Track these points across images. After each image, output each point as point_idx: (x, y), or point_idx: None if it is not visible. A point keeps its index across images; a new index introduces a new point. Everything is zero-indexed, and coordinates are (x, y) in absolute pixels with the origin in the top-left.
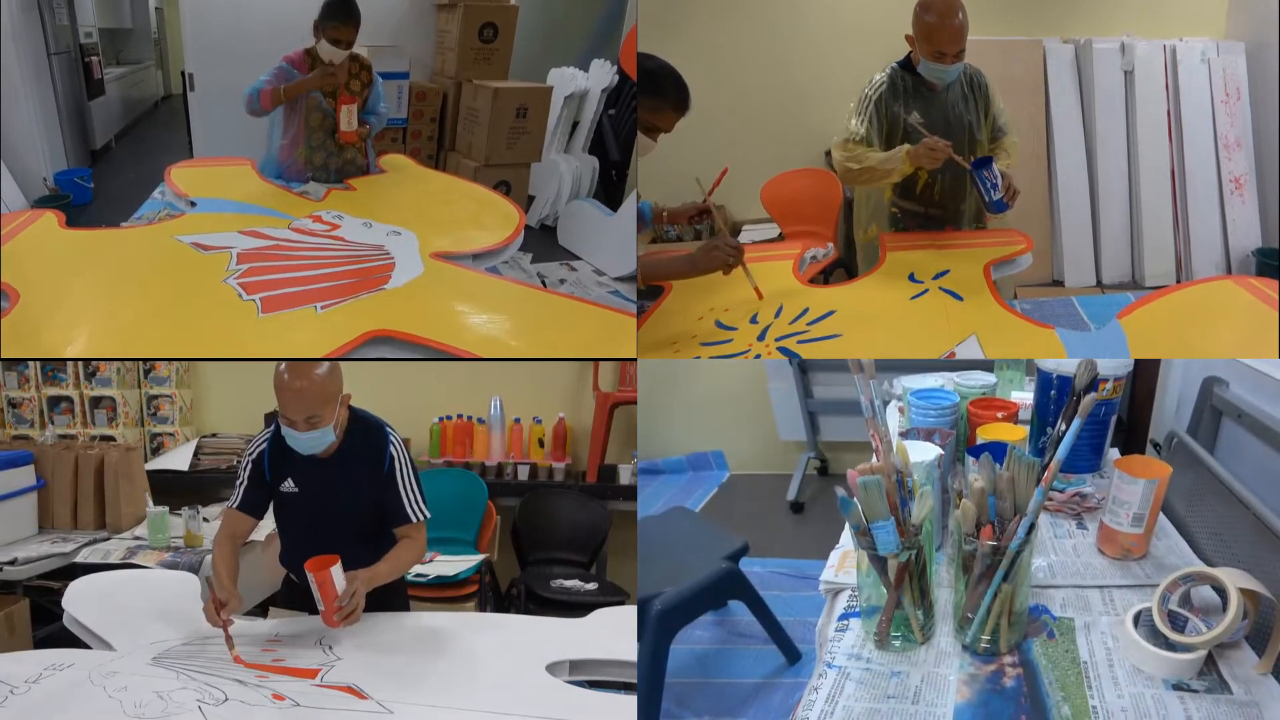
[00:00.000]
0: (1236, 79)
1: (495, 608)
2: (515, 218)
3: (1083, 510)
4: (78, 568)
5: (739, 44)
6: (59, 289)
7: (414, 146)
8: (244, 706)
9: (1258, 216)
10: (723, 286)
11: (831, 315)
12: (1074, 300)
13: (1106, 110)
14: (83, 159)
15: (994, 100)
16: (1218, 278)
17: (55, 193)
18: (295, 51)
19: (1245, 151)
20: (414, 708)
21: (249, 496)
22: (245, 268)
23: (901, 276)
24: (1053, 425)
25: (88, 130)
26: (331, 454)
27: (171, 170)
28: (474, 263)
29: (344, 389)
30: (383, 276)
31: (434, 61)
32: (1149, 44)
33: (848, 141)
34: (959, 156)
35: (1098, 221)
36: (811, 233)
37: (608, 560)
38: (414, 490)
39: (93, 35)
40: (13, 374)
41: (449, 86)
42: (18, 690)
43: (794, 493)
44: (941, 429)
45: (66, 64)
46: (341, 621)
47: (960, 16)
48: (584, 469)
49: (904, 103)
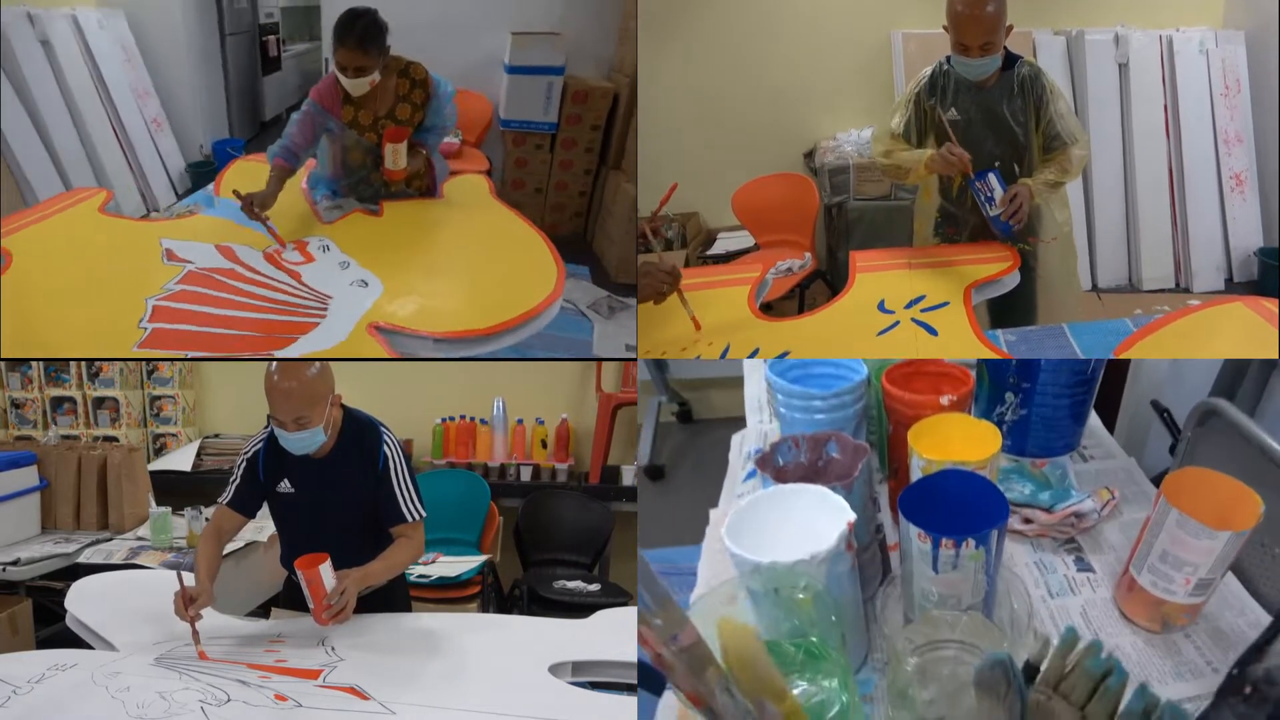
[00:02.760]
0: (1236, 71)
1: (497, 609)
2: (521, 308)
3: (1077, 532)
4: (80, 568)
5: (715, 46)
6: (49, 270)
7: (563, 158)
8: (246, 707)
9: (1259, 215)
10: (660, 320)
11: (784, 357)
12: (1065, 329)
13: (1101, 106)
14: (251, 129)
15: (1051, 104)
16: (1224, 299)
17: (207, 158)
18: (325, 79)
19: (1246, 147)
20: (416, 709)
21: (240, 494)
22: (179, 289)
23: (871, 305)
24: (1015, 389)
25: (258, 104)
26: (325, 454)
27: (236, 162)
28: (434, 347)
29: (337, 389)
30: (289, 338)
31: (614, 54)
32: (1144, 35)
33: (883, 135)
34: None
35: (1092, 224)
36: (787, 242)
37: (610, 562)
38: (409, 489)
39: (274, 15)
40: (15, 374)
41: (624, 86)
42: (20, 690)
43: (646, 454)
44: (840, 438)
45: (245, 43)
46: (330, 620)
47: (990, 8)
48: (586, 470)
49: (943, 98)
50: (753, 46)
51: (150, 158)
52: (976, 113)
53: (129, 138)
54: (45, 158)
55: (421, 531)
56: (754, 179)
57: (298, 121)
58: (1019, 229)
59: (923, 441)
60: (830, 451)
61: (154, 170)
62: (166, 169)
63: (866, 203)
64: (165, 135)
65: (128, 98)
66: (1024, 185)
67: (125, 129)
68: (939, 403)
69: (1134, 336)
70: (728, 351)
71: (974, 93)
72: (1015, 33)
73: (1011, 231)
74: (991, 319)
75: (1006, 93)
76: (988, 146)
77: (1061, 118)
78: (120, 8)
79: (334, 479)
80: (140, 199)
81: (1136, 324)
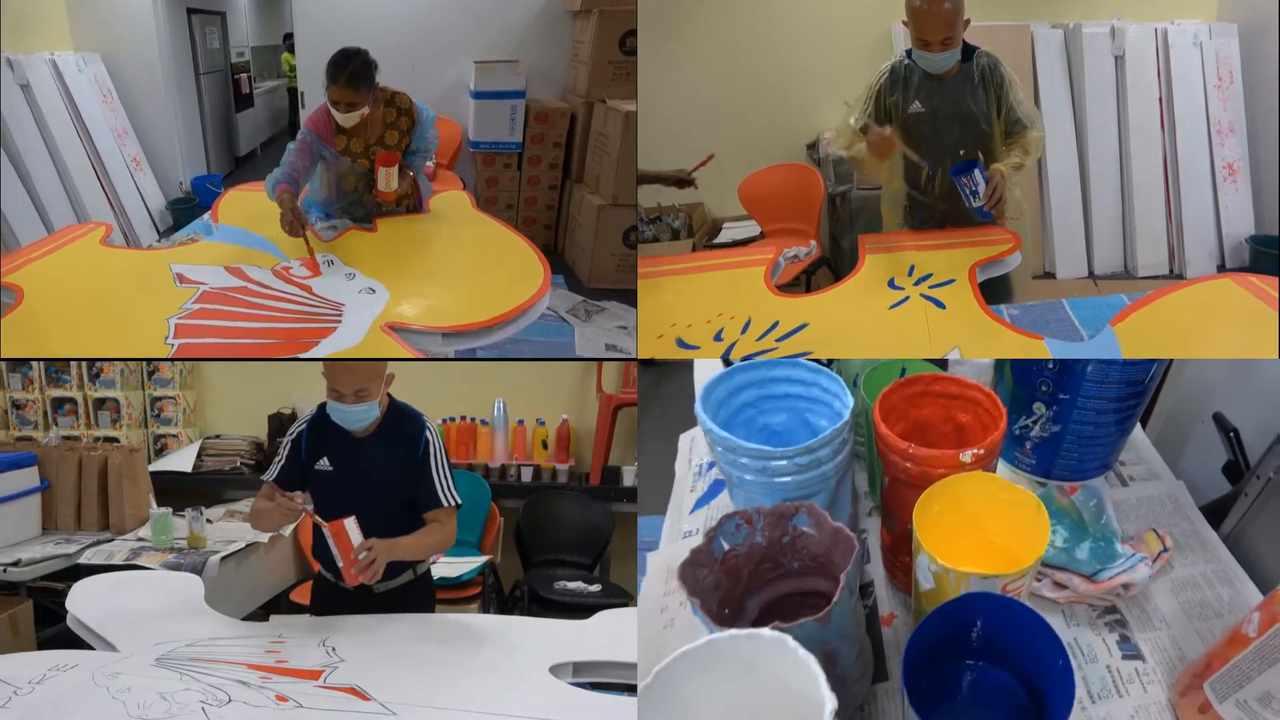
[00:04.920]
0: (1229, 62)
1: (498, 609)
2: (516, 301)
3: (1122, 600)
4: (81, 569)
5: (718, 38)
6: (64, 301)
7: (530, 175)
8: (247, 708)
9: (1251, 203)
10: (683, 303)
11: (803, 329)
12: (1065, 304)
13: (1097, 97)
14: (227, 165)
15: (1010, 91)
16: (1216, 276)
17: (187, 195)
18: (318, 109)
19: (1238, 137)
20: (416, 709)
21: (285, 471)
22: (197, 308)
23: (881, 282)
24: (1049, 399)
25: (233, 139)
26: (369, 434)
27: (229, 192)
28: (443, 341)
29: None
30: (311, 342)
31: (567, 77)
32: (1140, 27)
33: (844, 132)
34: (912, 151)
35: (1089, 211)
36: (793, 230)
37: (611, 562)
38: (447, 476)
39: (244, 55)
40: (16, 375)
41: (580, 106)
42: (21, 691)
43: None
44: (813, 512)
45: (218, 82)
46: (359, 575)
47: (948, 4)
48: (587, 471)
49: (905, 92)
50: (756, 38)
51: (131, 196)
52: (939, 104)
53: (109, 176)
54: (26, 199)
55: (454, 520)
56: (760, 169)
57: (296, 150)
58: (998, 215)
59: (936, 526)
60: (800, 525)
61: (135, 208)
62: (147, 206)
63: (870, 191)
64: (145, 173)
65: (107, 137)
66: (997, 172)
67: (106, 168)
68: (958, 459)
69: (1129, 309)
70: (749, 326)
71: (936, 85)
72: (1012, 26)
73: (991, 218)
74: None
75: (967, 83)
76: (953, 136)
77: (1021, 104)
78: (98, 51)
79: (373, 460)
80: (123, 237)
81: (1131, 299)
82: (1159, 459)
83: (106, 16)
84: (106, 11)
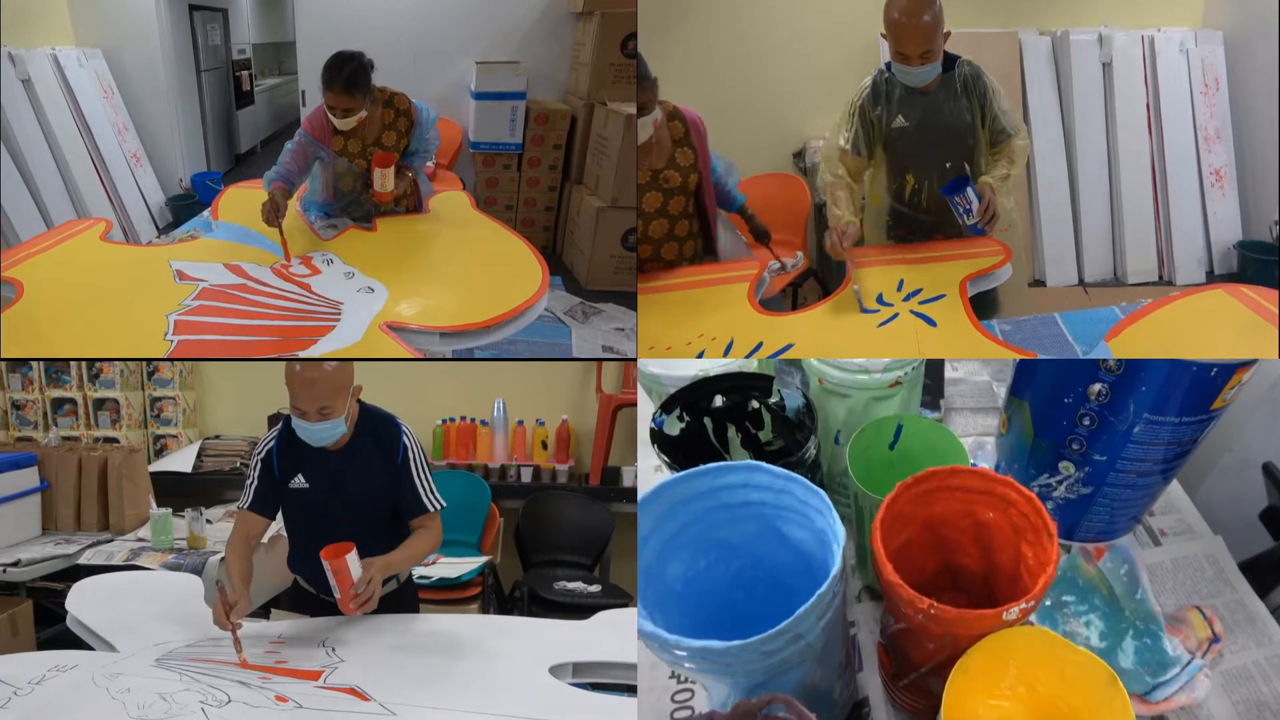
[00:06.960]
0: (1215, 69)
1: (498, 610)
2: (515, 302)
3: (1171, 709)
4: (81, 569)
5: (704, 48)
6: (64, 295)
7: (530, 176)
8: (247, 708)
9: (1238, 209)
10: (663, 323)
11: (789, 349)
12: (1058, 318)
13: (1085, 104)
14: (227, 162)
15: (994, 101)
16: (1209, 287)
17: (187, 192)
18: (315, 111)
19: (1225, 143)
20: (416, 710)
21: (260, 495)
22: (196, 305)
23: (869, 298)
24: (1080, 460)
25: (234, 137)
26: (342, 447)
27: (229, 189)
28: (440, 341)
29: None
30: (309, 340)
31: (568, 79)
32: (1127, 35)
33: (833, 154)
34: (894, 172)
35: (1078, 218)
36: (780, 241)
37: (611, 563)
38: (428, 480)
39: (246, 52)
40: (16, 376)
41: (580, 108)
42: (21, 691)
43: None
44: (790, 706)
45: (218, 79)
46: (358, 608)
47: (926, 17)
48: (587, 471)
49: (888, 106)
50: (741, 48)
51: (130, 192)
52: (923, 117)
53: (110, 172)
54: (26, 194)
55: (439, 522)
56: (746, 178)
57: (291, 151)
58: (990, 229)
59: (972, 691)
60: (775, 711)
61: (134, 204)
62: (147, 202)
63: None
64: (145, 170)
65: (108, 133)
66: (987, 185)
67: (106, 164)
68: (1000, 618)
69: (1122, 323)
70: (731, 348)
71: (918, 98)
72: (1000, 34)
73: (984, 234)
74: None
75: (950, 95)
76: (938, 149)
77: (1005, 113)
78: (99, 46)
79: (349, 472)
80: (123, 233)
81: (1124, 312)
82: (1190, 505)
83: (108, 12)
84: (108, 7)
